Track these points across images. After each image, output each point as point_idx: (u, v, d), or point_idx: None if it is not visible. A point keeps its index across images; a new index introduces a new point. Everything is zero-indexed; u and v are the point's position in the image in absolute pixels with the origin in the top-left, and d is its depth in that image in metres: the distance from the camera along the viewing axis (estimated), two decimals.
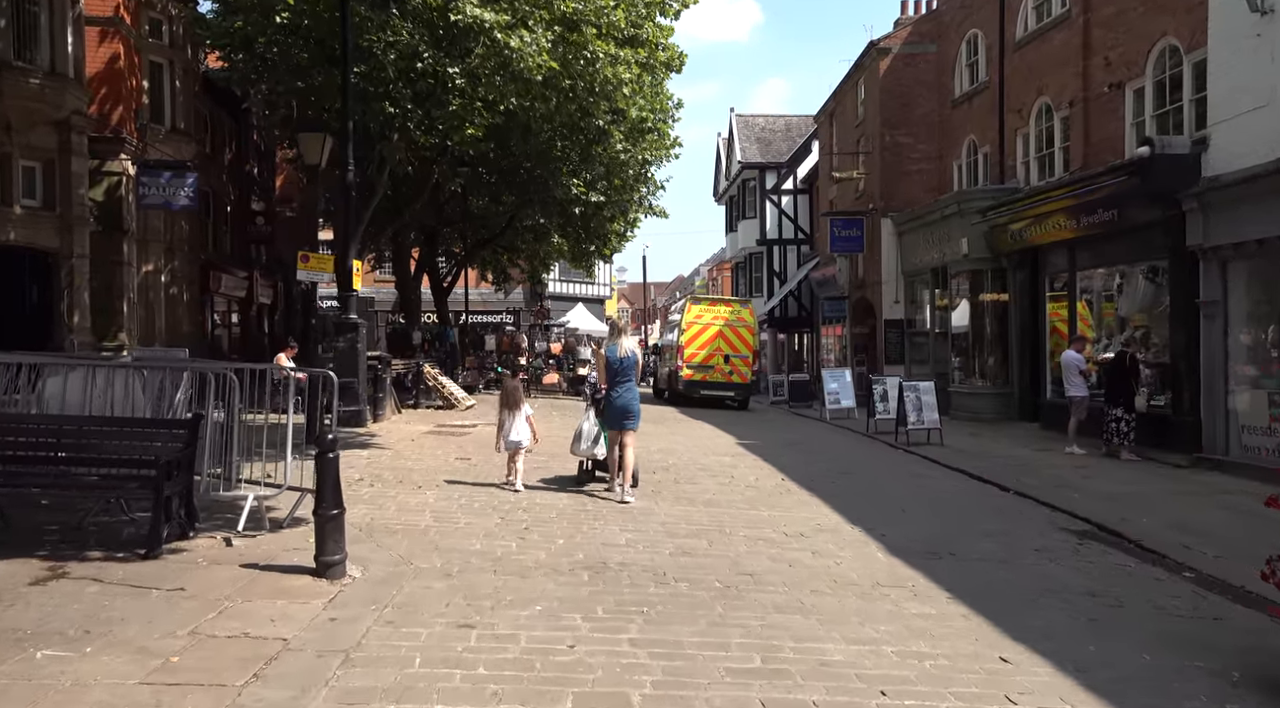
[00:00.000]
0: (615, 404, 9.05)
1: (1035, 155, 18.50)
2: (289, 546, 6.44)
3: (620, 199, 27.51)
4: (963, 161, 22.09)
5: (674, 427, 17.63)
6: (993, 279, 19.46)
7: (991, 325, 19.61)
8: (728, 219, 44.36)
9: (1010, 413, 19.04)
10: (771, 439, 15.99)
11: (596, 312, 54.34)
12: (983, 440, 16.20)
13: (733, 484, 10.48)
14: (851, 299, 26.82)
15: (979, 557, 7.36)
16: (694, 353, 24.27)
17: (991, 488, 11.12)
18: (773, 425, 19.42)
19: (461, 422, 16.16)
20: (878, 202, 24.10)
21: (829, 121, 29.80)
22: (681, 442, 14.87)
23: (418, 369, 18.33)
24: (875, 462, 13.42)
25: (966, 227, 19.48)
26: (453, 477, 9.97)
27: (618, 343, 9.28)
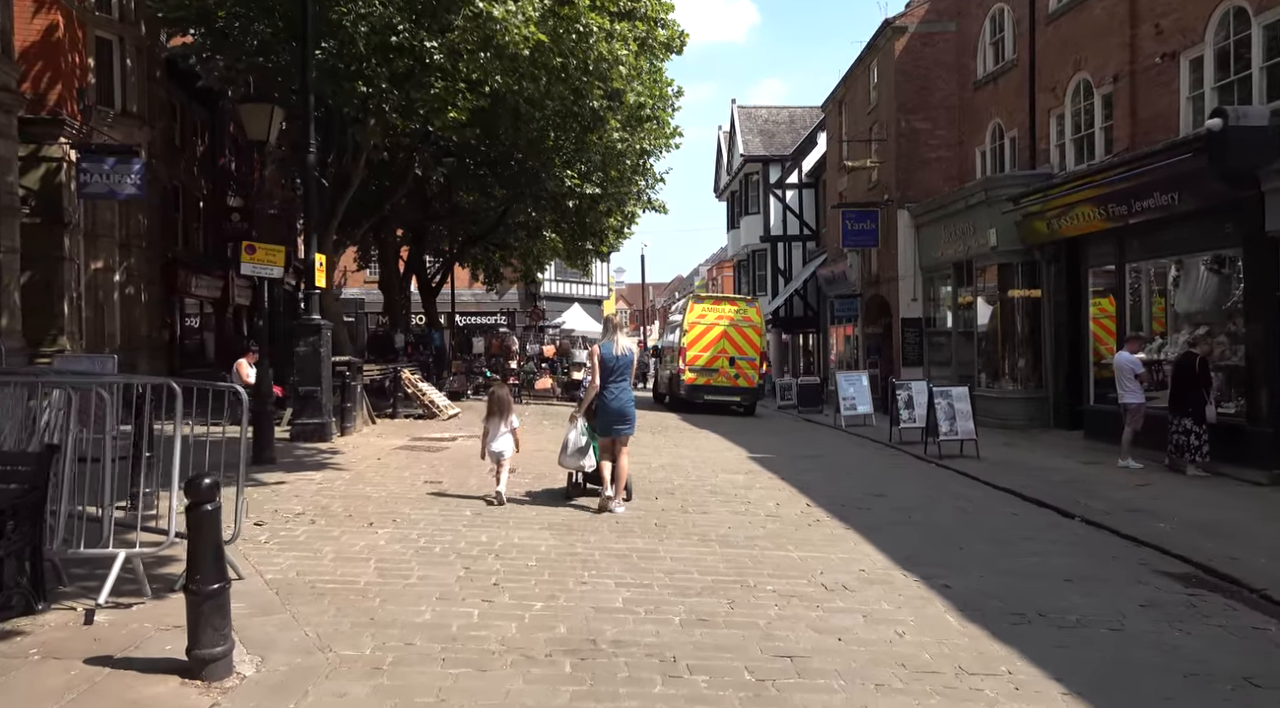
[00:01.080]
0: (610, 406, 8.40)
1: (1072, 137, 16.86)
2: (170, 621, 4.78)
3: (617, 192, 25.88)
4: (986, 147, 20.46)
5: (677, 437, 15.99)
6: (1024, 273, 17.83)
7: (1022, 324, 17.99)
8: (729, 215, 42.73)
9: (1043, 419, 17.42)
10: (786, 452, 14.35)
11: (594, 313, 52.68)
12: (1020, 451, 14.57)
13: (750, 512, 8.83)
14: (864, 297, 25.19)
15: (1078, 619, 5.71)
16: (697, 355, 22.60)
17: (1051, 513, 9.49)
18: (785, 434, 17.78)
19: (440, 433, 14.51)
20: (893, 192, 22.47)
21: (838, 109, 28.17)
22: (687, 456, 13.23)
23: (395, 375, 16.69)
24: (908, 480, 11.77)
25: (994, 216, 17.86)
26: (417, 507, 8.33)
27: (613, 340, 8.60)
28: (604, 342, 8.77)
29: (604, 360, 8.49)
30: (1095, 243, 15.17)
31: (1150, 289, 14.53)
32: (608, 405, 8.42)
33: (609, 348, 8.56)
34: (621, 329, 9.02)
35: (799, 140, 36.68)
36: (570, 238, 28.64)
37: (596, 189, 24.25)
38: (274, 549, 6.54)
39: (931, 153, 22.00)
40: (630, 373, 8.68)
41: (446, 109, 17.34)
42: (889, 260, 23.03)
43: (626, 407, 8.46)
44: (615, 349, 8.52)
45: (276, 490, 8.83)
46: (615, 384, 8.48)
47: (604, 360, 8.49)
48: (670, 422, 19.72)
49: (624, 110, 24.58)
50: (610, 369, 8.48)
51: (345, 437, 13.50)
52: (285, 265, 30.93)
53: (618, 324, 9.11)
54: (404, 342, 23.36)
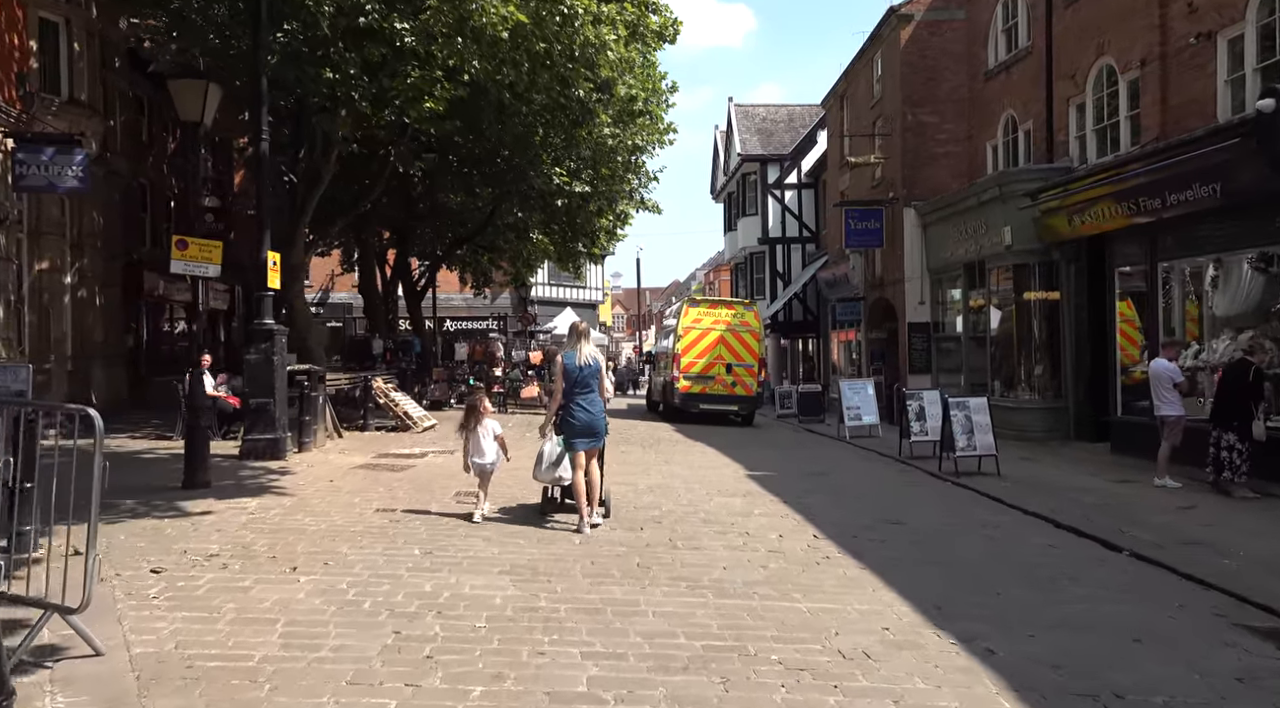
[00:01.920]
0: (576, 419, 7.95)
1: (1093, 127, 15.69)
2: None
3: (608, 190, 24.69)
4: (999, 141, 19.29)
5: (669, 452, 14.77)
6: (1041, 274, 16.66)
7: (1039, 328, 16.81)
8: (726, 217, 41.55)
9: (1062, 430, 16.23)
10: (788, 468, 13.14)
11: (588, 317, 51.47)
12: (1042, 468, 13.38)
13: (749, 547, 7.61)
14: (868, 301, 23.99)
15: (1165, 702, 4.50)
16: (691, 362, 21.42)
17: (1093, 545, 8.28)
18: (785, 447, 16.55)
19: (410, 449, 13.29)
20: (899, 190, 21.29)
21: (839, 104, 27.00)
22: (679, 474, 12.01)
23: (365, 385, 15.46)
24: (924, 502, 10.55)
25: (1009, 213, 16.68)
26: (358, 545, 7.10)
27: (577, 349, 8.07)
28: (567, 350, 8.16)
29: (567, 371, 7.97)
30: (1122, 240, 13.98)
31: (1184, 290, 13.34)
32: (575, 419, 7.95)
33: (572, 357, 8.00)
34: (586, 337, 8.28)
35: (798, 139, 35.54)
36: (561, 239, 27.44)
37: (586, 187, 23.07)
38: (162, 607, 5.31)
39: (939, 148, 20.83)
40: (598, 383, 8.13)
41: (422, 99, 16.17)
42: (894, 261, 21.85)
43: (596, 420, 8.04)
44: (579, 358, 7.98)
45: (197, 524, 7.59)
46: (582, 396, 7.99)
47: (567, 371, 7.97)
48: (663, 433, 18.51)
49: (615, 104, 23.39)
50: (575, 380, 7.97)
51: (303, 453, 12.27)
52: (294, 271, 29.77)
53: (583, 332, 8.34)
54: (383, 348, 22.14)
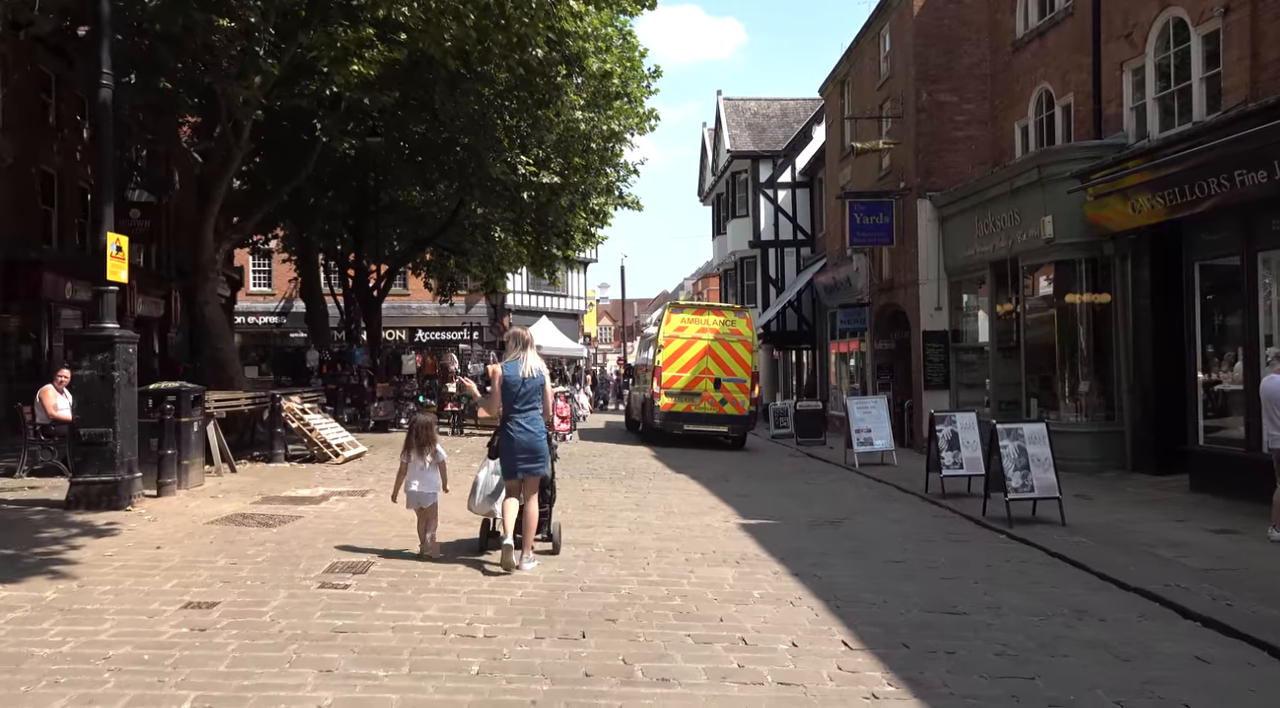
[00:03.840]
0: (513, 441, 6.96)
1: (1155, 94, 13.03)
2: None
3: (581, 182, 21.95)
4: (1030, 120, 16.62)
5: (643, 488, 11.95)
6: (1089, 272, 14.00)
7: (1087, 337, 14.13)
8: (715, 220, 38.86)
9: (1117, 460, 13.53)
10: (791, 512, 10.35)
11: (570, 328, 48.65)
12: (1110, 511, 10.66)
13: (746, 670, 4.81)
14: (874, 307, 21.27)
15: None
16: (674, 376, 18.63)
17: (1248, 648, 5.55)
18: (785, 480, 13.76)
19: (312, 489, 10.46)
20: (911, 179, 18.61)
21: (839, 91, 24.35)
22: (652, 525, 9.20)
23: (273, 406, 12.61)
24: (983, 570, 7.72)
25: (1051, 200, 14.01)
26: (88, 701, 4.26)
27: (519, 359, 7.05)
28: (508, 360, 7.10)
29: (507, 385, 6.97)
30: (1206, 226, 11.27)
31: None
32: (513, 439, 6.93)
33: (514, 369, 6.98)
34: (530, 346, 7.16)
35: (792, 135, 32.88)
36: (535, 240, 24.65)
37: (556, 177, 20.31)
38: None
39: (958, 131, 18.18)
40: (542, 399, 7.08)
41: (348, 61, 13.44)
42: (906, 261, 19.15)
43: (537, 441, 6.99)
44: (522, 370, 6.96)
45: None
46: (522, 413, 6.97)
47: (507, 385, 6.97)
48: (639, 461, 15.70)
49: (589, 87, 20.73)
50: (516, 395, 6.96)
51: (162, 498, 9.41)
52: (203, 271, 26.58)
53: (527, 340, 7.20)
54: (318, 360, 19.29)
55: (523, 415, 6.93)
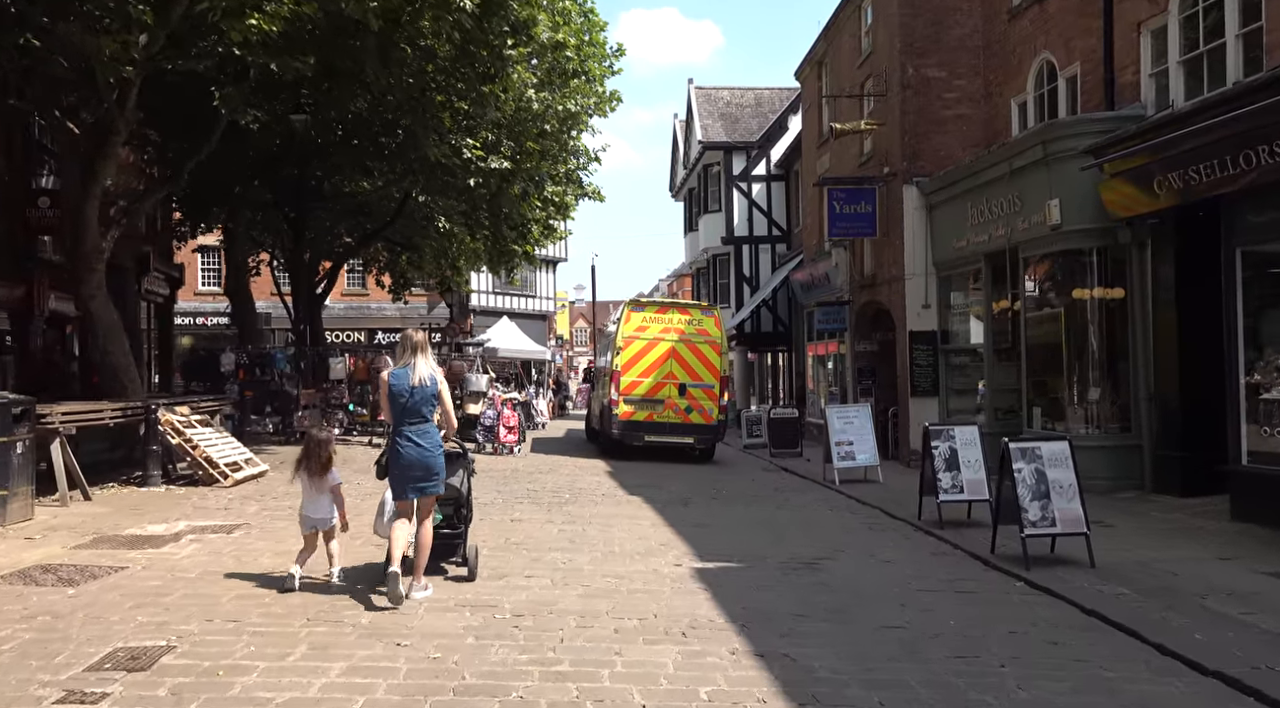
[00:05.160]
0: (400, 457, 6.17)
1: (1180, 57, 11.30)
2: None
3: (535, 168, 20.06)
4: (1029, 96, 14.90)
5: (584, 515, 10.03)
6: (1101, 263, 12.27)
7: (1099, 337, 12.39)
8: (686, 217, 37.04)
9: (1134, 478, 11.81)
10: (760, 550, 8.46)
11: (537, 330, 46.67)
12: (1135, 544, 8.91)
13: None
14: (854, 305, 19.49)
15: None
16: (634, 381, 16.76)
17: None
18: (756, 504, 11.88)
19: (171, 525, 8.47)
20: (896, 163, 16.84)
21: (816, 73, 22.58)
22: (582, 569, 7.31)
23: (148, 419, 10.60)
24: (1004, 642, 5.89)
25: (1058, 180, 12.28)
26: None
27: (409, 365, 6.22)
28: (397, 367, 6.36)
29: (394, 393, 6.22)
30: (1253, 206, 9.50)
31: None
32: (400, 456, 6.19)
33: (402, 376, 6.24)
34: (423, 350, 6.37)
35: (767, 125, 31.14)
36: (491, 235, 22.67)
37: (505, 163, 18.39)
38: None
39: (948, 110, 16.43)
40: (434, 409, 6.36)
41: (243, 13, 11.48)
42: (890, 254, 17.37)
43: (428, 457, 6.25)
44: (412, 378, 6.21)
45: None
46: (412, 426, 6.22)
47: (394, 393, 6.22)
48: (590, 478, 13.79)
49: (542, 63, 18.86)
50: (404, 406, 6.18)
51: None
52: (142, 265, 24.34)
53: (419, 344, 6.41)
54: (234, 364, 17.26)
55: (413, 428, 6.18)
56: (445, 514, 6.77)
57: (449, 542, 6.81)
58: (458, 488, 6.75)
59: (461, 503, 6.82)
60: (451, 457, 6.68)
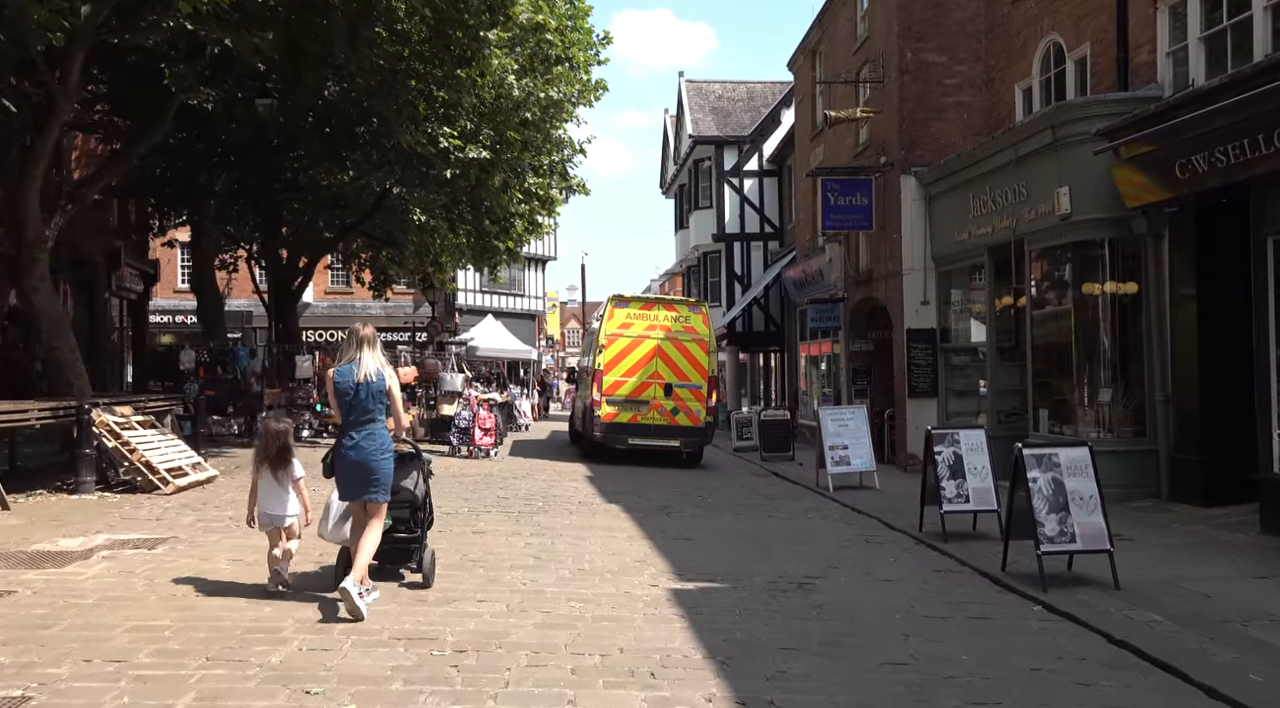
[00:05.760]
0: (348, 458, 5.85)
1: (1201, 33, 10.51)
2: None
3: (516, 159, 19.18)
4: (1034, 80, 14.10)
5: (555, 526, 9.16)
6: (1113, 255, 11.47)
7: (1111, 335, 11.60)
8: (677, 213, 36.19)
9: (1150, 486, 11.01)
10: (746, 566, 7.60)
11: (526, 330, 45.77)
12: (1159, 559, 8.11)
13: None
14: (849, 302, 18.66)
15: None
16: (618, 381, 15.91)
17: None
18: (743, 513, 11.03)
19: (89, 539, 7.58)
20: (894, 153, 16.03)
21: (810, 62, 21.77)
22: (544, 591, 6.45)
23: (80, 420, 9.70)
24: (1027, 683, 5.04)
25: (1069, 167, 11.48)
26: None
27: (355, 361, 5.88)
28: (342, 363, 5.93)
29: (339, 390, 5.85)
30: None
31: None
32: (345, 457, 5.84)
33: (346, 373, 5.84)
34: (370, 345, 5.91)
35: (759, 119, 30.33)
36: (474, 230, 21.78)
37: (484, 152, 17.50)
38: None
39: (948, 96, 15.63)
40: (382, 407, 5.90)
41: None
42: (887, 248, 16.55)
43: (373, 459, 5.82)
44: (357, 374, 5.81)
45: None
46: (358, 426, 5.83)
47: (339, 390, 5.85)
48: (568, 484, 12.93)
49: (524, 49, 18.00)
50: (349, 404, 5.82)
51: None
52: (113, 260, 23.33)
53: (366, 338, 5.93)
54: (195, 361, 16.36)
55: (359, 428, 5.83)
56: (400, 518, 6.38)
57: (404, 547, 6.42)
58: (411, 491, 6.36)
59: (418, 506, 6.43)
60: (403, 458, 6.35)
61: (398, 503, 6.27)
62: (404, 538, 6.40)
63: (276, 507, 6.15)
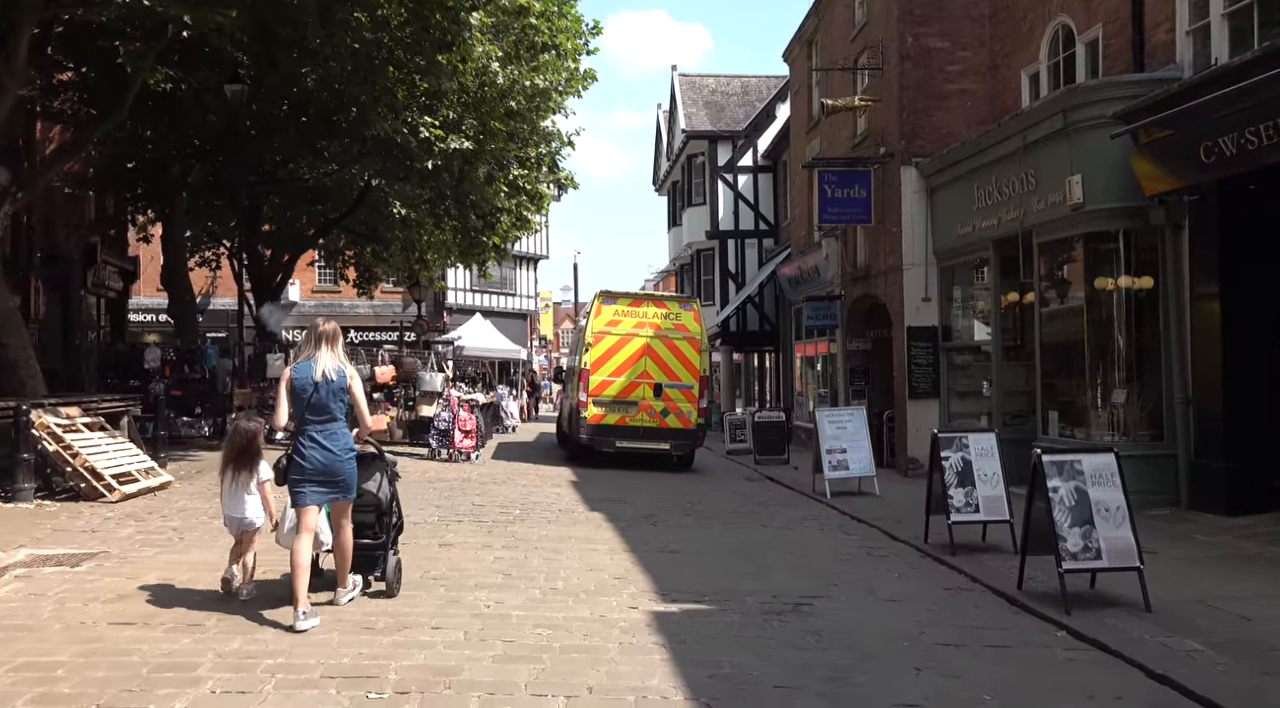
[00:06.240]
0: (305, 460, 5.48)
1: (1224, 9, 9.83)
2: None
3: (500, 150, 18.45)
4: (1042, 65, 13.43)
5: (531, 537, 8.43)
6: (1129, 247, 10.79)
7: (1125, 333, 10.91)
8: (670, 211, 35.51)
9: (1168, 493, 10.33)
10: (735, 584, 6.89)
11: (517, 330, 44.99)
12: (1188, 576, 7.45)
13: None
14: (846, 300, 17.97)
15: None
16: (605, 381, 15.21)
17: None
18: (736, 522, 10.32)
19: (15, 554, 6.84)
20: (894, 143, 15.35)
21: (806, 52, 21.09)
22: (509, 614, 5.74)
23: (18, 422, 8.96)
24: None
25: (1080, 154, 10.80)
26: None
27: (314, 357, 5.57)
28: (299, 360, 5.62)
29: (295, 389, 5.51)
30: None
31: None
32: (303, 458, 5.48)
33: (305, 370, 5.52)
34: (330, 342, 5.60)
35: (754, 114, 29.66)
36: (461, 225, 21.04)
37: (467, 143, 16.76)
38: None
39: (951, 84, 14.95)
40: (342, 407, 5.57)
41: None
42: (886, 242, 15.86)
43: (335, 461, 5.51)
44: (315, 371, 5.50)
45: None
46: (317, 426, 5.51)
47: (295, 389, 5.51)
48: (549, 490, 12.20)
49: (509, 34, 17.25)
50: (308, 403, 5.49)
51: None
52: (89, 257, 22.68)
53: (324, 334, 5.61)
54: (160, 361, 15.60)
55: (318, 428, 5.53)
56: (365, 522, 6.07)
57: (369, 554, 6.09)
58: (374, 494, 6.07)
59: (383, 510, 6.12)
60: (366, 459, 6.06)
61: (361, 507, 5.99)
62: (369, 544, 6.08)
63: (242, 509, 5.89)
